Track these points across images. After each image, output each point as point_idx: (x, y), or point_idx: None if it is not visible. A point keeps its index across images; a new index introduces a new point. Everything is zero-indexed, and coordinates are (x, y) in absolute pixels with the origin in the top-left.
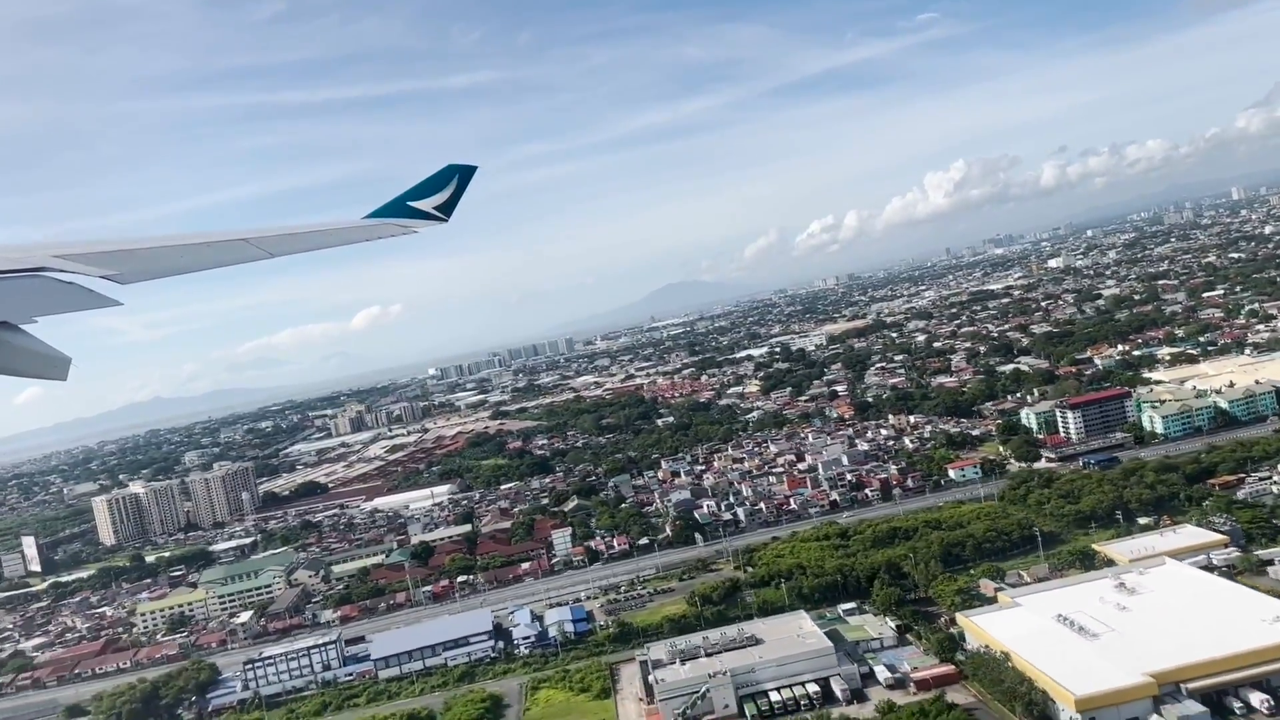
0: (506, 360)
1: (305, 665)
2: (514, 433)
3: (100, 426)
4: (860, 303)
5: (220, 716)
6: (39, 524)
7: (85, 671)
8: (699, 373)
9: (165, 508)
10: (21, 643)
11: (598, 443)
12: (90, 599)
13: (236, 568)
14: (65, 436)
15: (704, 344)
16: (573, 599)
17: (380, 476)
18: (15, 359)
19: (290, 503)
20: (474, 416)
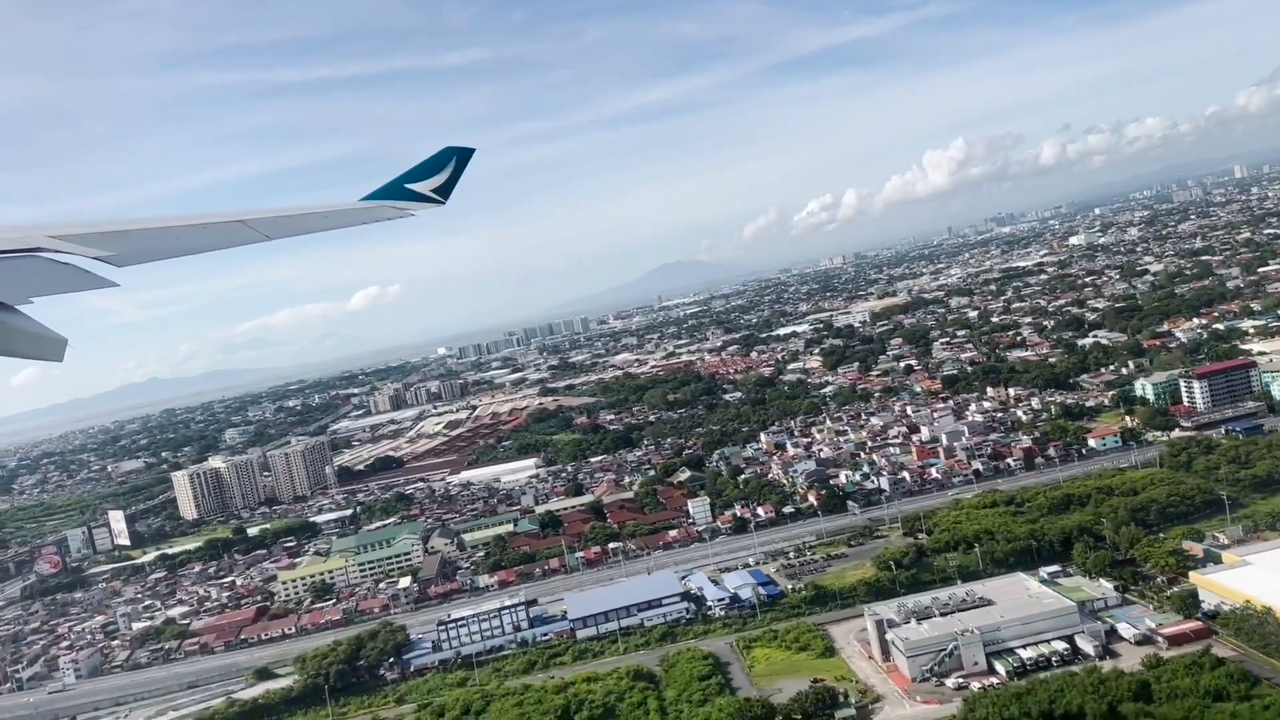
0: (524, 339)
1: (496, 626)
2: (575, 408)
3: (98, 407)
4: (878, 281)
5: (424, 675)
6: (99, 500)
7: (250, 637)
8: (746, 349)
9: (246, 482)
10: (164, 612)
11: (670, 417)
12: (209, 570)
13: (367, 537)
14: (67, 417)
15: (732, 322)
16: (740, 564)
17: (451, 451)
18: (12, 340)
19: (367, 477)
20: (520, 393)
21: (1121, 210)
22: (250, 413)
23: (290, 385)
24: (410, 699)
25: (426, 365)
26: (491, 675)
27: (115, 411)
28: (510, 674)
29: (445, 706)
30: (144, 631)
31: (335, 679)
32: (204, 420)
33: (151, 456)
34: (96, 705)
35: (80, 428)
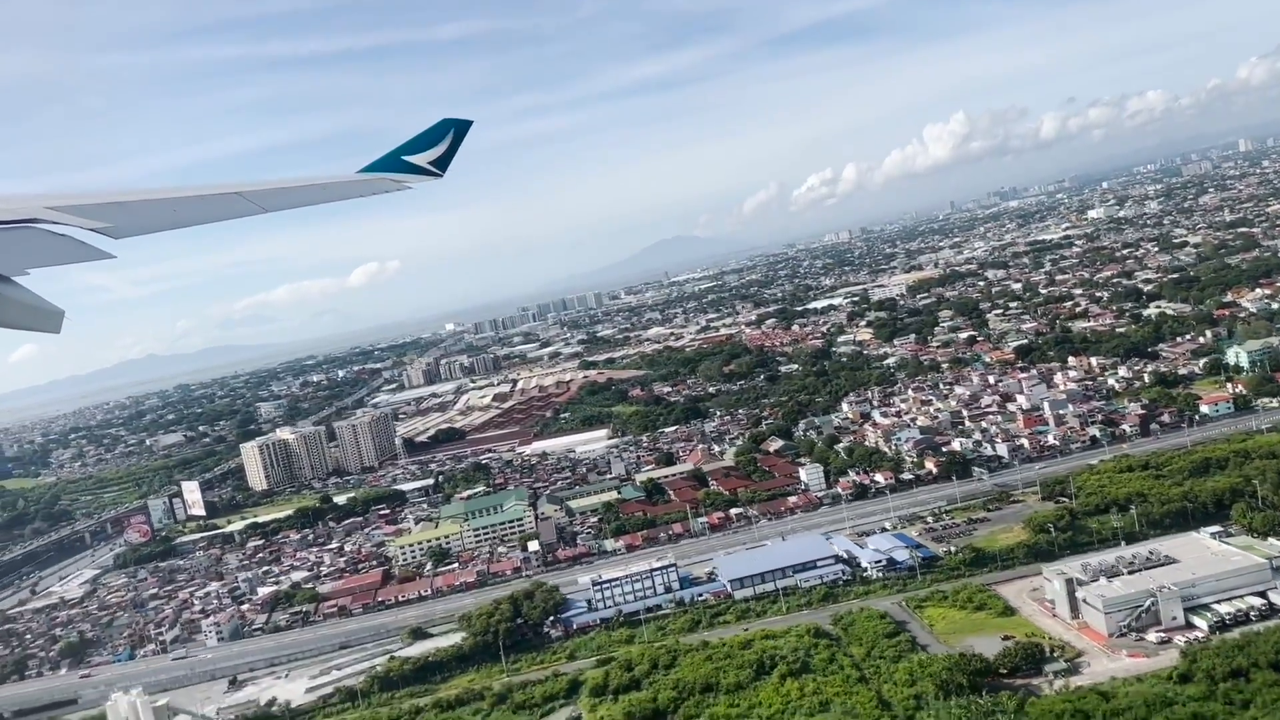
0: (539, 314)
1: (647, 587)
2: (625, 381)
3: (97, 384)
4: (894, 255)
5: (587, 633)
6: (150, 473)
7: (387, 599)
8: (786, 322)
9: (314, 453)
10: (286, 577)
11: (730, 389)
12: (307, 536)
13: (474, 504)
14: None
15: (755, 296)
16: (876, 529)
17: (510, 423)
18: (8, 310)
19: (431, 448)
20: (558, 367)
21: (1130, 184)
22: (274, 387)
23: (303, 360)
24: (581, 655)
25: (441, 341)
26: (656, 633)
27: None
28: (675, 632)
29: (632, 660)
30: (273, 596)
31: (505, 636)
32: (225, 395)
33: (189, 430)
34: (251, 666)
35: (93, 403)
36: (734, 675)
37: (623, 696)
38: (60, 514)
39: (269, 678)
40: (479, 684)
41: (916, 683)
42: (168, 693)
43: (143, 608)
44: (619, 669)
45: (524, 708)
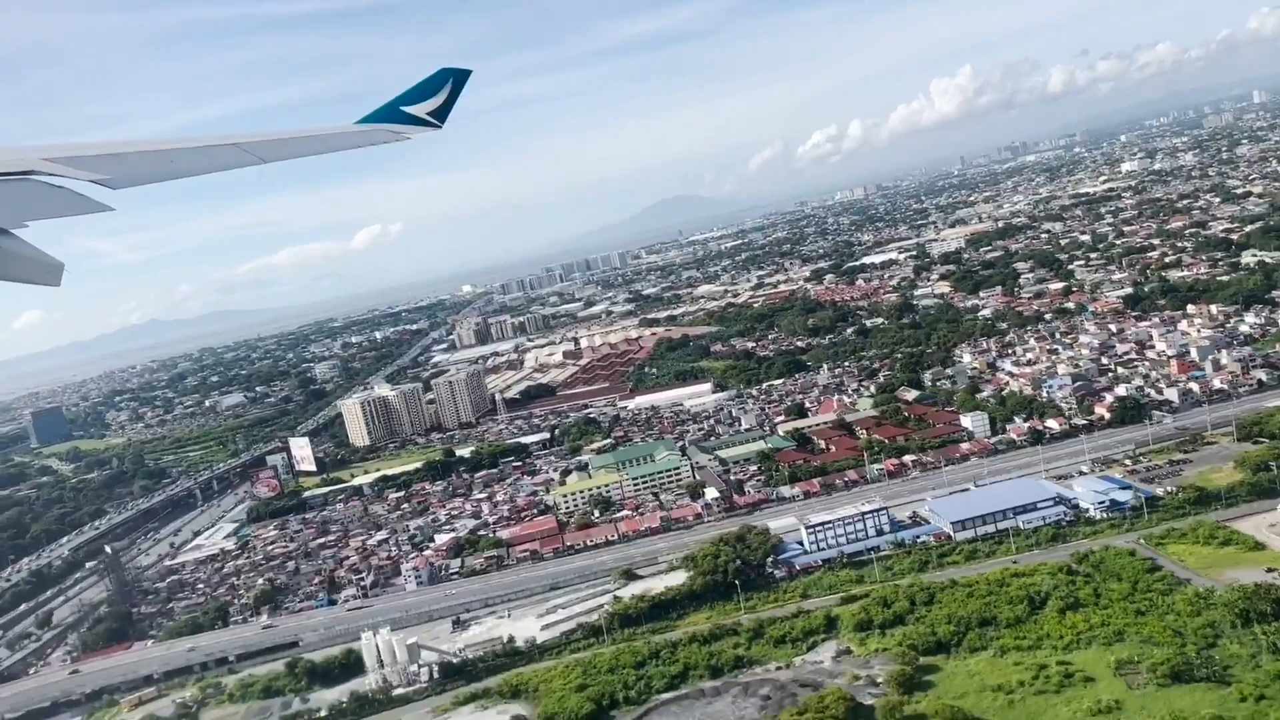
0: (565, 274)
1: (859, 530)
2: (700, 337)
3: (102, 349)
4: (924, 211)
5: (810, 574)
6: (229, 432)
7: (576, 544)
8: (848, 277)
9: (414, 409)
10: (455, 525)
11: (819, 343)
12: (449, 488)
13: (624, 454)
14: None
15: (796, 253)
16: (1074, 472)
17: (594, 379)
18: (7, 264)
19: (524, 404)
20: (617, 325)
21: (1148, 138)
22: (312, 349)
23: (325, 323)
24: (814, 593)
25: (467, 302)
26: (884, 573)
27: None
28: (904, 572)
29: (887, 598)
30: (454, 542)
31: (734, 575)
32: (264, 357)
33: (247, 392)
34: (467, 607)
35: (115, 367)
36: (1007, 610)
37: (889, 631)
38: (158, 472)
39: (490, 618)
40: (717, 620)
41: (1201, 613)
42: (401, 630)
43: (314, 557)
44: (876, 605)
45: (783, 641)
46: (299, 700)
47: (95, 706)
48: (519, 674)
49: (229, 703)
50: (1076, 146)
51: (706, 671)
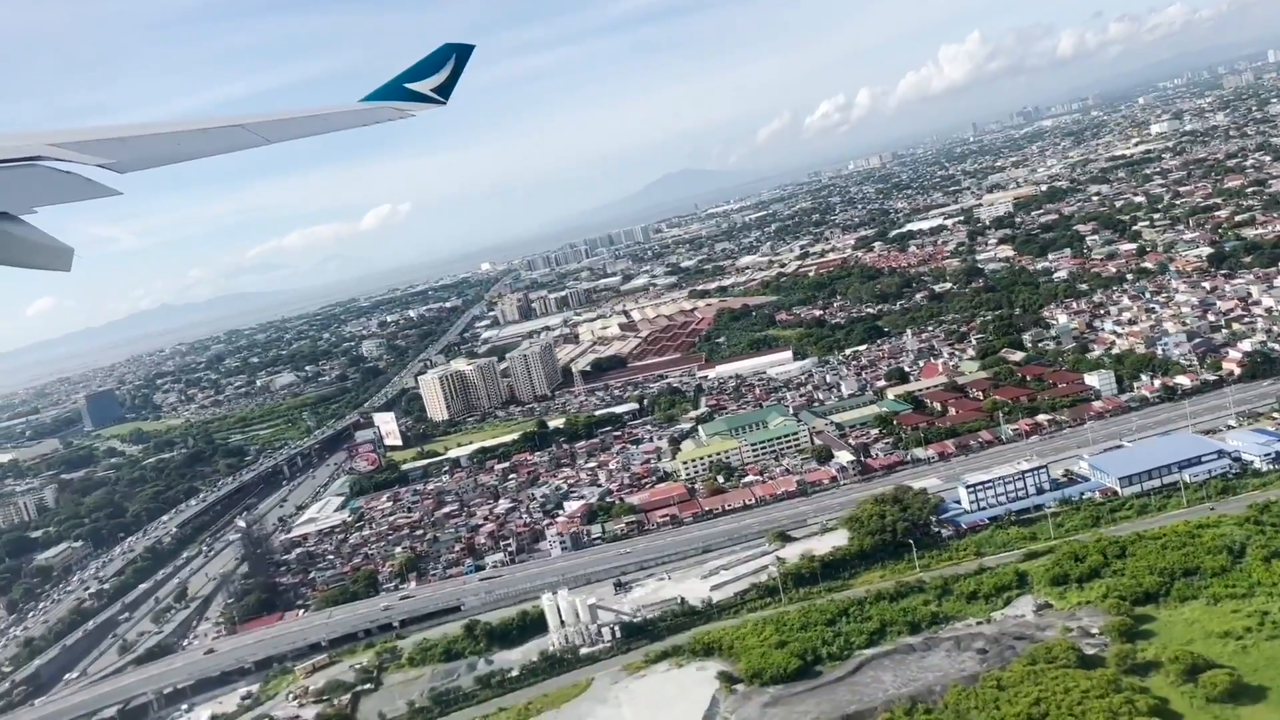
0: (590, 250)
1: (1019, 488)
2: (761, 306)
3: (114, 335)
4: (952, 177)
5: (977, 532)
6: (294, 410)
7: (714, 508)
8: (899, 244)
9: (490, 383)
10: (580, 492)
11: (890, 309)
12: (552, 458)
13: (736, 420)
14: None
15: (827, 223)
16: (1223, 426)
17: (660, 350)
18: (17, 249)
19: (597, 376)
20: (665, 297)
21: (1166, 100)
22: (348, 328)
23: (350, 303)
24: (987, 550)
25: (489, 280)
26: (1058, 530)
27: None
28: (1076, 528)
29: (1077, 552)
30: (585, 509)
31: (902, 534)
32: (300, 337)
33: (297, 370)
34: (622, 570)
35: (143, 350)
36: (1209, 560)
37: (1087, 584)
38: (236, 450)
39: (650, 580)
40: (893, 579)
41: None
42: (576, 590)
43: (441, 526)
44: (1067, 559)
45: (974, 598)
46: (483, 661)
47: (269, 674)
48: (704, 632)
49: (409, 666)
50: (1093, 110)
51: (905, 627)
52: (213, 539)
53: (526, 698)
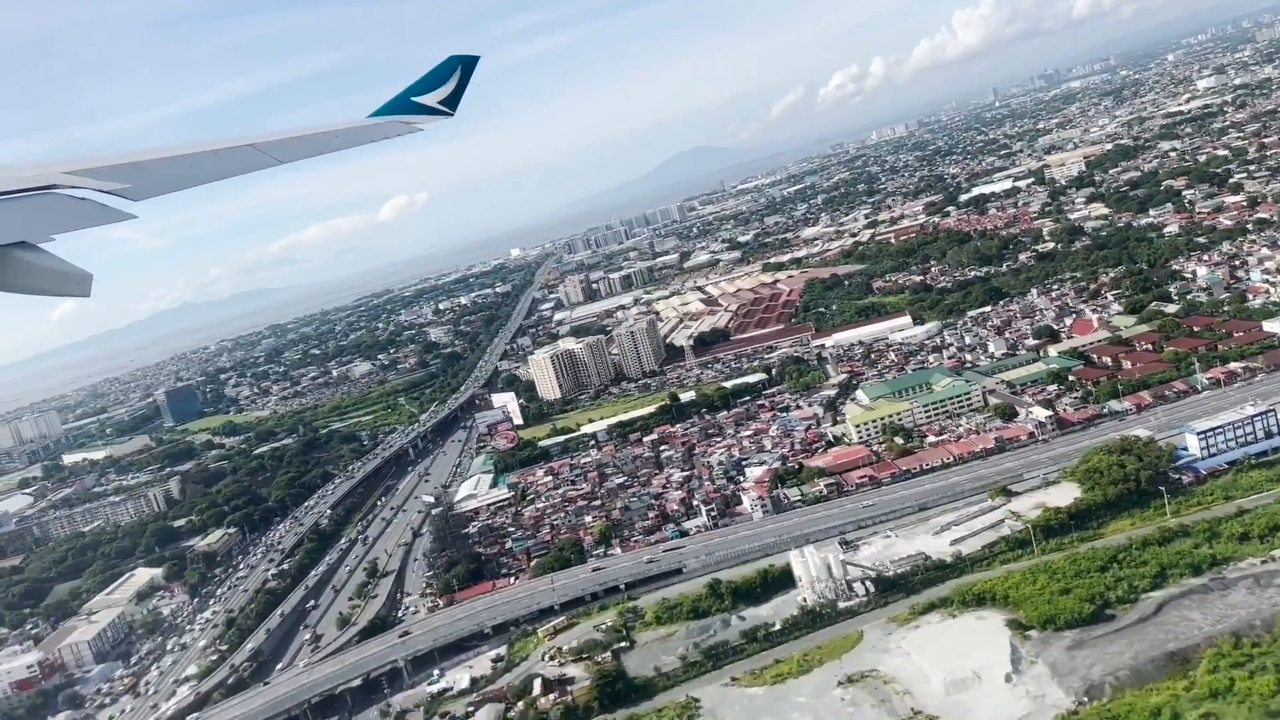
0: (629, 231)
1: (1249, 433)
2: (850, 275)
3: (136, 336)
4: (995, 141)
5: (1218, 478)
6: (390, 394)
7: (911, 468)
8: (978, 209)
9: (599, 360)
10: (765, 455)
11: (998, 271)
12: (699, 429)
13: (897, 384)
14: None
15: (877, 192)
16: None
17: (760, 323)
18: (37, 278)
19: (701, 351)
20: (738, 272)
21: (1198, 55)
22: (403, 316)
23: (394, 293)
24: (1235, 495)
25: (526, 265)
26: None
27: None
28: None
29: None
30: (771, 474)
31: (1146, 482)
32: (355, 328)
33: (368, 359)
34: (840, 529)
35: (183, 347)
36: None
37: None
38: (349, 436)
39: (875, 539)
40: (1144, 526)
41: None
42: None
43: (617, 496)
44: None
45: (1247, 538)
46: (736, 618)
47: (509, 637)
48: (965, 584)
49: (657, 624)
50: (1122, 70)
51: (1186, 570)
52: (367, 519)
53: (798, 649)
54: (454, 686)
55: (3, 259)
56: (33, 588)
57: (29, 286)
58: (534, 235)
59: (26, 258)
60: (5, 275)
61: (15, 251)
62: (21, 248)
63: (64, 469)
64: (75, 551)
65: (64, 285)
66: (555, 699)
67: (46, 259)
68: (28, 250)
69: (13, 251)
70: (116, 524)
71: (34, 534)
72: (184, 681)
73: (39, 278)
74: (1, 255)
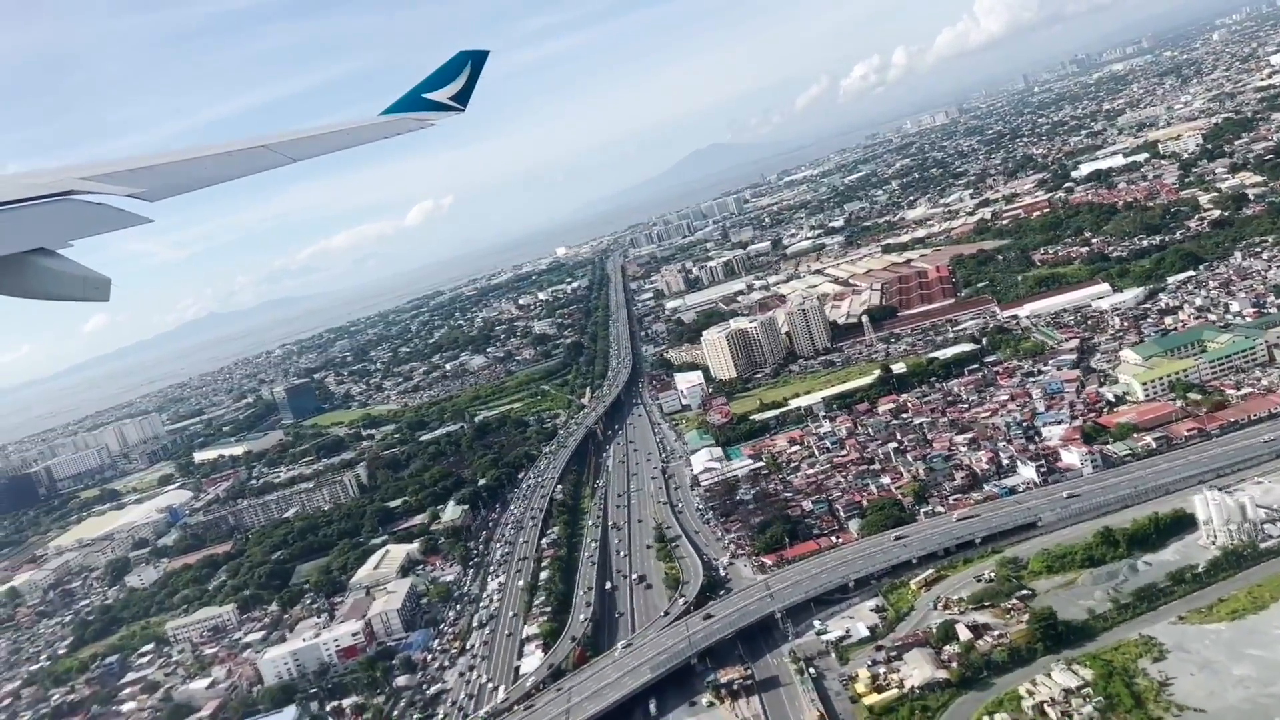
0: (690, 226)
1: None
2: (992, 251)
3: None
4: (1064, 124)
5: None
6: (537, 380)
7: (1239, 419)
8: (1105, 183)
9: (771, 339)
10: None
11: (1172, 239)
12: (927, 400)
13: (1166, 342)
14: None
15: (960, 173)
16: None
17: (914, 300)
18: (56, 283)
19: (873, 328)
20: (856, 254)
21: (1250, 34)
22: (484, 313)
23: (450, 292)
24: None
25: (584, 261)
26: None
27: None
28: None
29: None
30: (1072, 432)
31: None
32: (433, 326)
33: (478, 353)
34: (1196, 478)
35: (244, 352)
36: None
37: None
38: (519, 422)
39: (1243, 484)
40: None
41: None
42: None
43: (898, 457)
44: None
45: None
46: (1141, 563)
47: (876, 588)
48: None
49: (1048, 574)
50: (1157, 51)
51: None
52: (594, 492)
53: (1230, 589)
54: (851, 635)
55: (23, 265)
56: (275, 569)
57: (49, 292)
58: (559, 235)
59: (46, 263)
60: (26, 281)
61: (34, 257)
62: (41, 254)
63: (200, 465)
64: (294, 535)
65: (84, 290)
66: (994, 642)
67: (65, 264)
68: (47, 256)
69: (32, 258)
70: (317, 509)
71: (229, 522)
72: (529, 640)
73: (58, 283)
74: (21, 261)
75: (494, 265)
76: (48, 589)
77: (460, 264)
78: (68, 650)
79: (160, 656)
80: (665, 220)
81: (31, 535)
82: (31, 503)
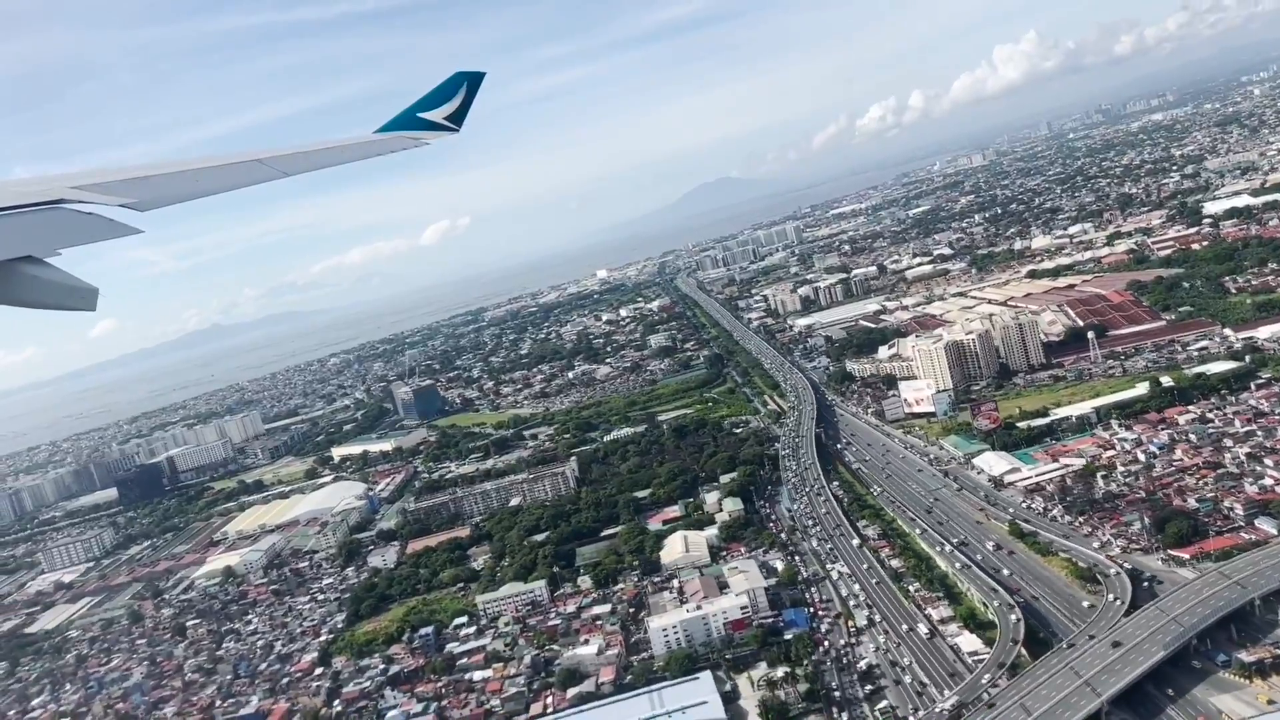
0: (756, 251)
1: None
2: (1174, 278)
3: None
4: (1137, 166)
5: None
6: (675, 395)
7: None
8: (1255, 220)
9: (986, 352)
10: None
11: None
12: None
13: None
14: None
15: (1057, 210)
16: None
17: (1119, 321)
18: (43, 291)
19: (1081, 345)
20: (994, 280)
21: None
22: (568, 328)
23: (490, 309)
24: None
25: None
26: None
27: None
28: None
29: None
30: None
31: None
32: (513, 340)
33: (598, 363)
34: None
35: (301, 359)
36: None
37: None
38: (716, 425)
39: None
40: None
41: None
42: None
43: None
44: None
45: None
46: None
47: None
48: None
49: None
50: (1191, 102)
51: None
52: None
53: None
54: None
55: (10, 273)
56: (557, 551)
57: (36, 300)
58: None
59: (33, 272)
60: (12, 289)
61: (22, 265)
62: (28, 262)
63: (340, 461)
64: (545, 521)
65: (70, 299)
66: None
67: (52, 273)
68: (34, 264)
69: (19, 265)
70: (538, 500)
71: (449, 509)
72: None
73: (45, 291)
74: (8, 269)
75: (509, 289)
76: (265, 568)
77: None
78: (345, 624)
79: (473, 628)
80: (727, 246)
81: (179, 523)
82: (158, 492)
